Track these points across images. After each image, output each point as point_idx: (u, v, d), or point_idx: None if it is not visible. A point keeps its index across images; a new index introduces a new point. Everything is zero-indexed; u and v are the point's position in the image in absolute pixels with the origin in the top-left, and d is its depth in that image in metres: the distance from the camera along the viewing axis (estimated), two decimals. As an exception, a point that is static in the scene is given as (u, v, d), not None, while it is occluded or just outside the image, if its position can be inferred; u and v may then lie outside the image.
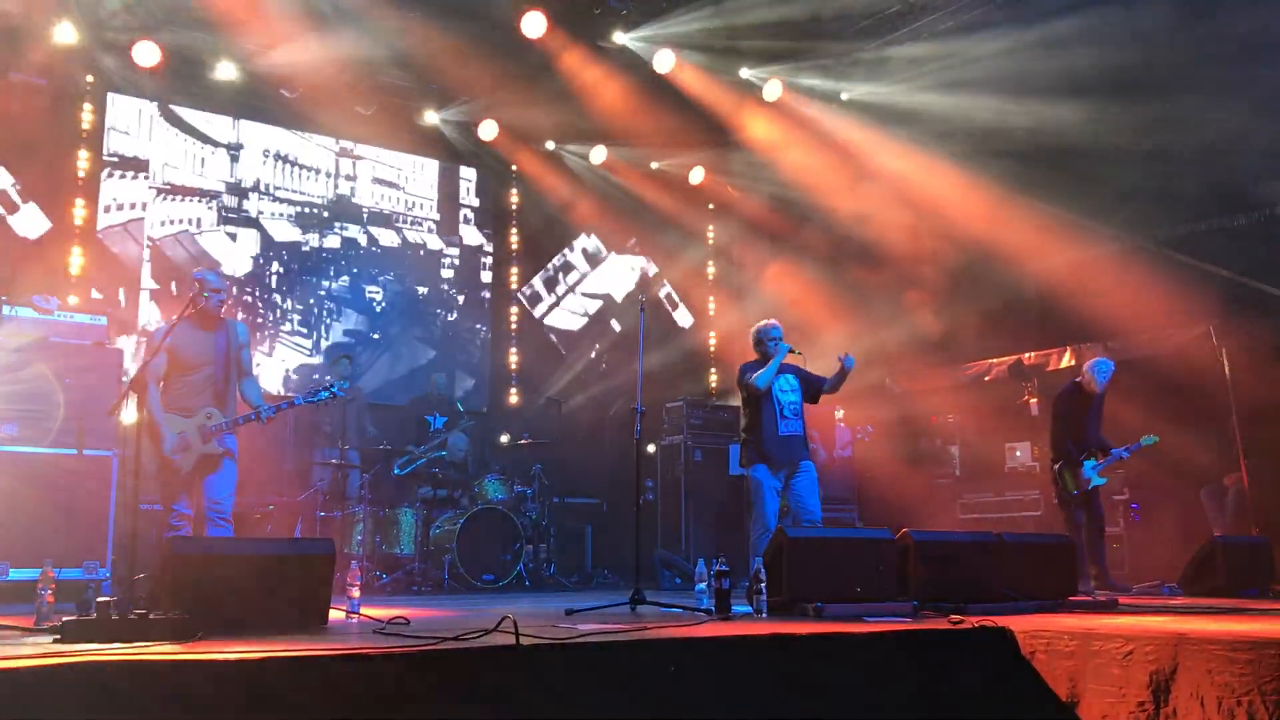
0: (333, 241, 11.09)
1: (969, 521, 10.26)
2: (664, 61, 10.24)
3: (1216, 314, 8.91)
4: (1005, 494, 10.17)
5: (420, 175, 11.83)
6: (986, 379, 10.73)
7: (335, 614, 4.55)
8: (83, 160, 9.69)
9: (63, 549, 6.37)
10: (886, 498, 10.47)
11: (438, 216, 11.90)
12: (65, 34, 9.05)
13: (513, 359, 12.26)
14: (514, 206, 12.49)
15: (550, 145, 12.08)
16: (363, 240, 11.30)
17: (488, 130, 11.25)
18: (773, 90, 10.86)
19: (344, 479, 8.96)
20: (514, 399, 12.06)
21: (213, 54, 9.79)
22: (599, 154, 11.98)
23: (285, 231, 10.83)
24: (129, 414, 4.76)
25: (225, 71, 9.89)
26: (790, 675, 3.65)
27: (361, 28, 9.44)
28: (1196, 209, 9.53)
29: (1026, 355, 10.37)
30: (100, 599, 3.72)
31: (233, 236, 10.50)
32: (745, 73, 10.89)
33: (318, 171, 11.09)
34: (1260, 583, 7.00)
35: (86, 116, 9.74)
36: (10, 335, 6.96)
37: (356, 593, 5.02)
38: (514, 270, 12.44)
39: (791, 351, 6.87)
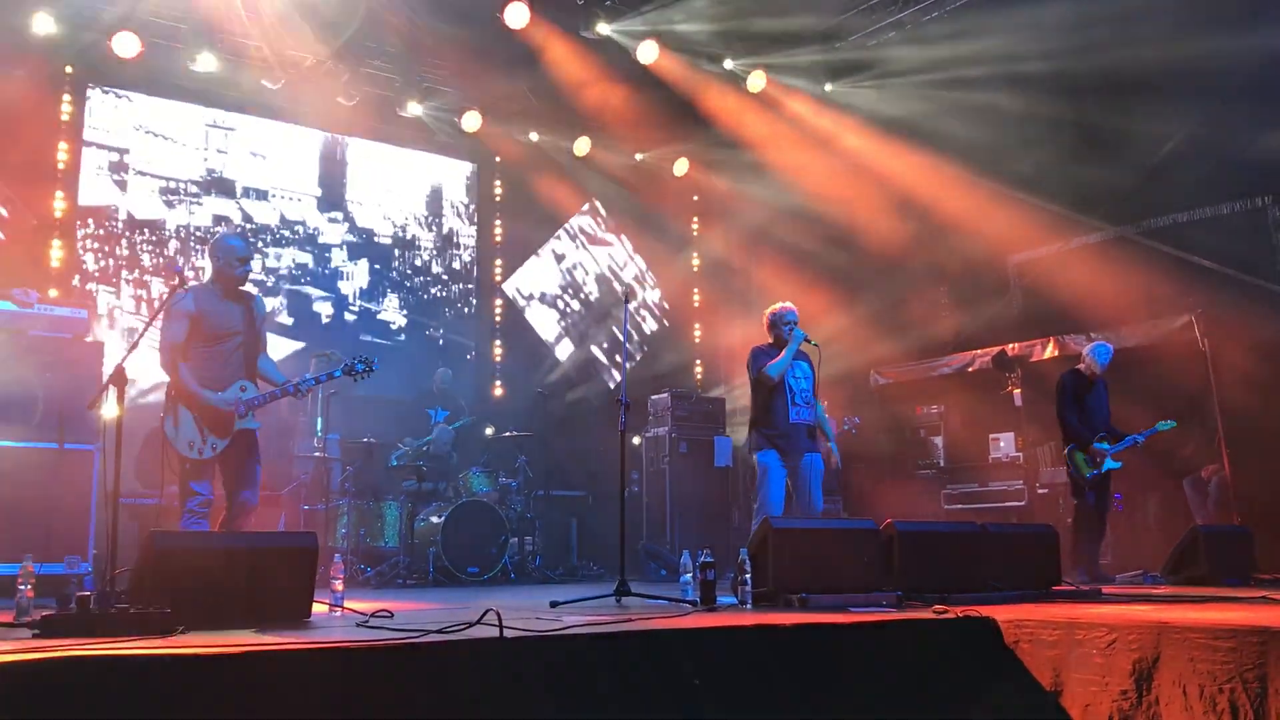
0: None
1: (953, 512, 10.29)
2: (647, 52, 10.20)
3: (1200, 305, 8.96)
4: (989, 484, 10.21)
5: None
6: (970, 370, 10.75)
7: (319, 608, 4.53)
8: (62, 152, 9.63)
9: (44, 543, 6.33)
10: (871, 489, 10.49)
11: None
12: (43, 25, 8.97)
13: (497, 352, 12.23)
14: (497, 198, 12.45)
15: (534, 136, 12.03)
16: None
17: (471, 121, 11.19)
18: (756, 82, 10.85)
19: (327, 472, 8.92)
20: (498, 391, 12.03)
21: (194, 45, 9.69)
22: (582, 145, 11.94)
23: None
24: (109, 407, 4.69)
25: (206, 63, 9.77)
26: (775, 666, 3.65)
27: (347, 19, 9.39)
28: (1180, 200, 9.57)
29: (1010, 346, 10.40)
30: (81, 593, 3.68)
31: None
32: (729, 64, 10.87)
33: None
34: (1241, 572, 7.05)
35: (65, 108, 9.66)
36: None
37: (340, 586, 4.99)
38: (498, 262, 12.40)
39: (807, 340, 6.76)
